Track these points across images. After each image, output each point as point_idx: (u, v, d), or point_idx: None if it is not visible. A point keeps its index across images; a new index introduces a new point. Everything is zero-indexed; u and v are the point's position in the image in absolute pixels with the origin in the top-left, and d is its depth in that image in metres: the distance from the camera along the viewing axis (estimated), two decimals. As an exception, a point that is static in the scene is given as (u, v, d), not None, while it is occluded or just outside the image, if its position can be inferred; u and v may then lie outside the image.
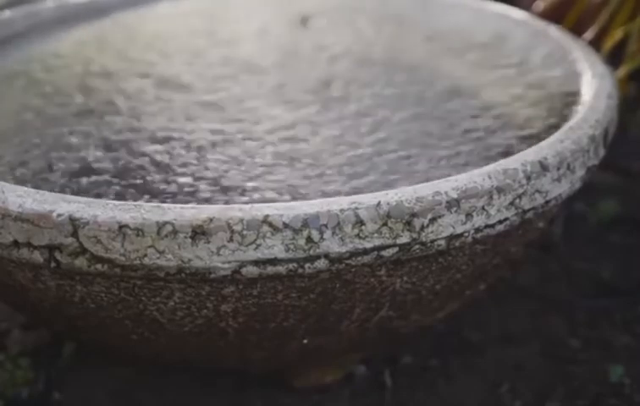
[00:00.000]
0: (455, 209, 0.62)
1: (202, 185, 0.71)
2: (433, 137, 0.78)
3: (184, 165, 0.74)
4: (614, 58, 1.03)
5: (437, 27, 0.99)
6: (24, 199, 0.62)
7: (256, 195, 0.70)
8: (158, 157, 0.75)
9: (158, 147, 0.77)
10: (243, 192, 0.70)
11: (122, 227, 0.60)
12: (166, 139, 0.78)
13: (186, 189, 0.71)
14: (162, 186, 0.71)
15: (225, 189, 0.71)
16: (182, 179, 0.72)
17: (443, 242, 0.63)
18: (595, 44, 1.01)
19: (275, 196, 0.69)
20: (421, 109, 0.84)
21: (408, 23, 1.00)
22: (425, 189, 0.62)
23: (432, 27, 0.99)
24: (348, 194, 0.66)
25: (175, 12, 1.06)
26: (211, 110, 0.84)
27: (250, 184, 0.71)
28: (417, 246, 0.62)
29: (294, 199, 0.69)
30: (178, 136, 0.79)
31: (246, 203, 0.65)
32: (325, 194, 0.69)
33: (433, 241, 0.63)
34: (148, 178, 0.73)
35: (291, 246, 0.60)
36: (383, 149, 0.76)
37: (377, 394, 0.79)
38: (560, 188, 0.68)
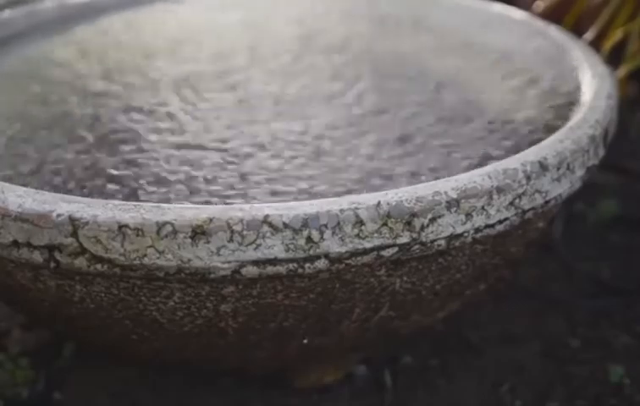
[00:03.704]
0: (454, 209, 0.62)
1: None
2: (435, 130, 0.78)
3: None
4: (614, 58, 1.03)
5: (438, 27, 0.99)
6: (24, 199, 0.62)
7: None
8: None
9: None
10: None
11: (122, 227, 0.60)
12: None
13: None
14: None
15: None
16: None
17: (443, 242, 0.63)
18: (595, 44, 1.01)
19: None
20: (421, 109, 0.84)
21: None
22: (425, 189, 0.62)
23: (435, 28, 1.00)
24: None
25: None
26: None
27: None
28: (417, 246, 0.62)
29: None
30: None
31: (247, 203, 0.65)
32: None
33: (432, 241, 0.63)
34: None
35: (291, 246, 0.60)
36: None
37: (377, 394, 0.79)
38: (559, 188, 0.68)
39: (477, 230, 0.64)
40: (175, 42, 0.98)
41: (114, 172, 0.72)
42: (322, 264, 0.61)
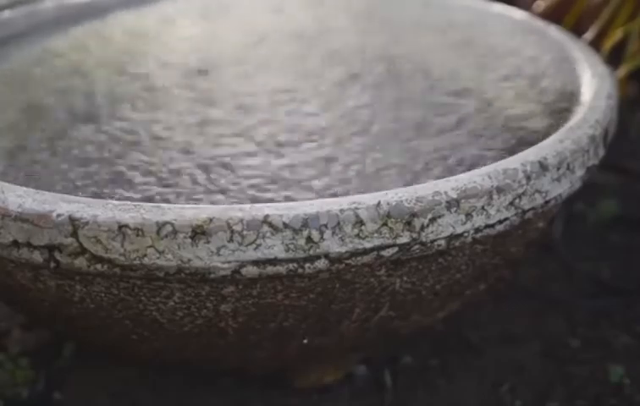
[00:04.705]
0: (454, 209, 0.63)
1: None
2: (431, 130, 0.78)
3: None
4: (614, 58, 1.03)
5: (440, 26, 0.99)
6: (23, 199, 0.62)
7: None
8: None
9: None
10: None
11: (122, 227, 0.60)
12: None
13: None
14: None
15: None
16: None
17: (443, 242, 0.63)
18: (595, 44, 1.01)
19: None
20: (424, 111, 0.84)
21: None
22: (425, 189, 0.62)
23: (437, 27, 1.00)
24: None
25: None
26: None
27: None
28: (417, 246, 0.62)
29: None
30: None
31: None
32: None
33: (432, 241, 0.63)
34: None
35: (291, 246, 0.60)
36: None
37: (377, 394, 0.79)
38: (559, 188, 0.68)
39: (477, 230, 0.64)
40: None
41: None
42: (322, 264, 0.61)
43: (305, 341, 0.69)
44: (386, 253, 0.62)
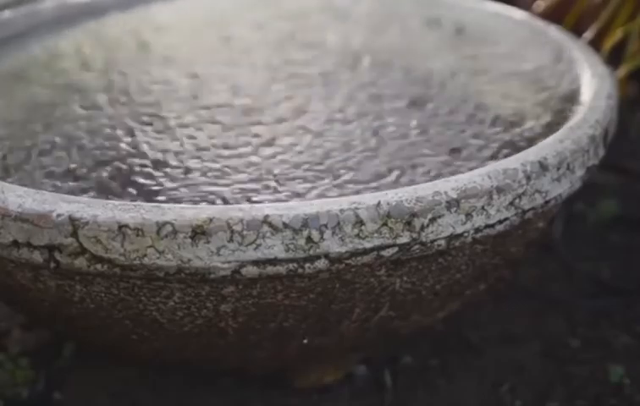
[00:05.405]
0: (454, 209, 0.63)
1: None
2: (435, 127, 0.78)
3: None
4: (614, 58, 1.03)
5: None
6: (23, 199, 0.62)
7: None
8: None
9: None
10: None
11: (122, 227, 0.60)
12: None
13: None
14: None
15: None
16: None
17: (443, 242, 0.63)
18: (595, 44, 1.01)
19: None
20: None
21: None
22: (425, 189, 0.62)
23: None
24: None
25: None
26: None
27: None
28: (417, 246, 0.62)
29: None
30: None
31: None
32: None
33: (432, 241, 0.63)
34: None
35: (291, 246, 0.60)
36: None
37: (377, 394, 0.79)
38: (559, 188, 0.68)
39: (477, 230, 0.64)
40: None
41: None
42: (322, 264, 0.61)
43: (305, 341, 0.69)
44: (386, 253, 0.62)
